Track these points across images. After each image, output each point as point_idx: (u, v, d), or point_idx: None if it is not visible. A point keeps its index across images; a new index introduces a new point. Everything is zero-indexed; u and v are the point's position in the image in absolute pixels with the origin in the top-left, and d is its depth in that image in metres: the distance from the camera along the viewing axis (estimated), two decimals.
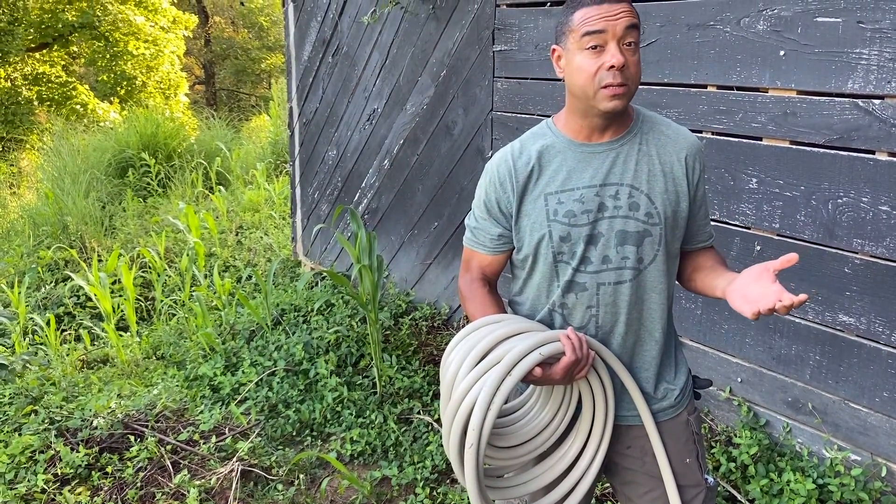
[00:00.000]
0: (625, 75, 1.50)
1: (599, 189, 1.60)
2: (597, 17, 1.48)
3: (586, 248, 1.61)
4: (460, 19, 4.03)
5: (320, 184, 5.58)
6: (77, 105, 16.13)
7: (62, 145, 10.01)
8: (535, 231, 1.64)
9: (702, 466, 1.76)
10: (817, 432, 2.82)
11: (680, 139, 1.66)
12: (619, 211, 1.60)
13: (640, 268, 1.62)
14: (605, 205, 1.60)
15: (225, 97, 25.56)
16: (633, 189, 1.60)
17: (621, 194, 1.60)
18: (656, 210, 1.61)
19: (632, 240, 1.60)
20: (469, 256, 1.79)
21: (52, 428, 3.33)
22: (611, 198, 1.60)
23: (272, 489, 3.07)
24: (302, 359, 4.00)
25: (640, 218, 1.60)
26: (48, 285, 6.26)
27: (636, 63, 1.53)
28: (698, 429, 1.78)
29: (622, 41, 1.49)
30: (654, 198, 1.61)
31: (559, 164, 1.64)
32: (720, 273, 1.66)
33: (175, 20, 18.47)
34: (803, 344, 2.80)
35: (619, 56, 1.48)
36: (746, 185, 2.86)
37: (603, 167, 1.61)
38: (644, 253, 1.62)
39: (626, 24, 1.48)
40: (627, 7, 1.50)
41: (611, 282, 1.62)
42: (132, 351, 4.83)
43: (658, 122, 1.68)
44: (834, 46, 2.53)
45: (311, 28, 5.32)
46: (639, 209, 1.60)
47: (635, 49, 1.52)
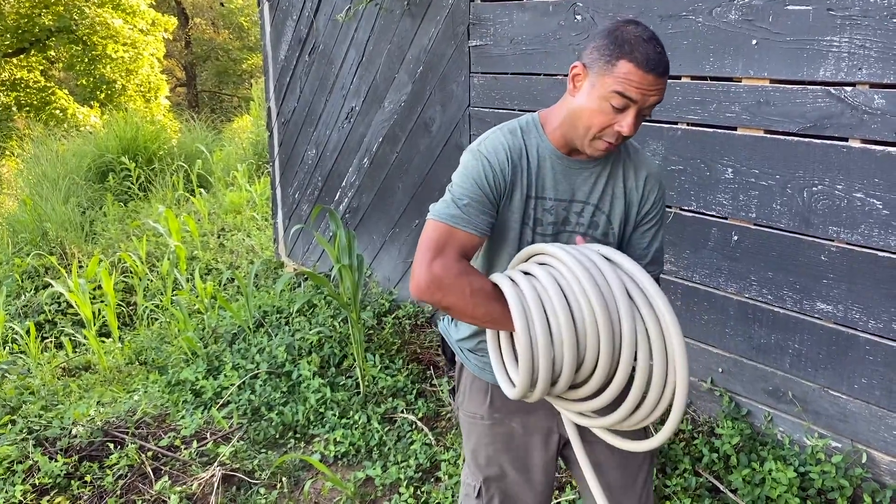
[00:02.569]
0: (625, 137, 1.57)
1: (568, 204, 1.68)
2: (636, 86, 1.49)
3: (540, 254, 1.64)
4: (435, 15, 4.01)
5: (300, 184, 5.54)
6: (56, 110, 15.99)
7: (41, 151, 9.92)
8: (510, 225, 1.68)
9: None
10: (798, 421, 2.82)
11: (643, 168, 1.74)
12: (580, 228, 1.70)
13: None
14: (569, 219, 1.69)
15: (207, 99, 25.41)
16: (596, 209, 1.69)
17: (585, 212, 1.69)
18: (612, 231, 1.71)
19: None
20: (446, 238, 1.59)
21: (31, 438, 3.29)
22: (576, 214, 1.69)
23: (255, 493, 3.04)
24: (284, 361, 3.97)
25: (598, 237, 1.70)
26: (28, 293, 6.19)
27: (639, 126, 1.57)
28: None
29: (643, 110, 1.54)
30: (613, 219, 1.71)
31: (538, 171, 1.67)
32: None
33: (154, 22, 18.31)
34: (782, 333, 2.80)
35: (633, 127, 1.53)
36: (722, 176, 2.86)
37: (575, 184, 1.68)
38: None
39: (654, 102, 1.54)
40: (664, 84, 1.53)
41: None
42: (114, 357, 4.79)
43: (629, 148, 1.75)
44: (805, 34, 2.53)
45: (286, 27, 5.28)
46: (598, 228, 1.70)
47: (649, 114, 1.58)
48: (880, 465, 2.61)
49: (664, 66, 1.51)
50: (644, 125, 3.07)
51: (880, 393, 2.56)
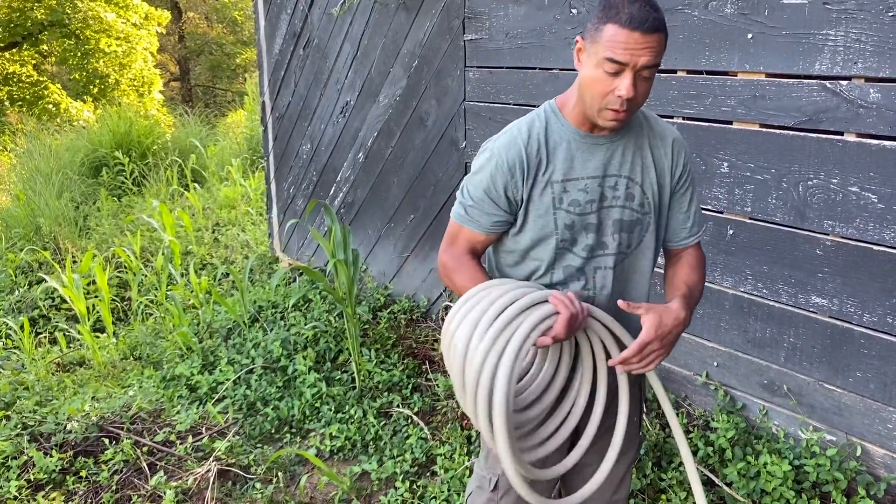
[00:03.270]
0: (630, 103, 1.54)
1: (602, 180, 1.68)
2: (623, 47, 1.48)
3: (588, 235, 1.70)
4: (430, 9, 3.99)
5: (295, 179, 5.53)
6: (49, 104, 15.92)
7: (34, 146, 9.86)
8: (541, 218, 1.70)
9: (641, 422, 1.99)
10: (793, 414, 2.83)
11: (667, 134, 1.75)
12: (617, 201, 1.70)
13: (627, 252, 1.74)
14: (605, 195, 1.69)
15: (200, 93, 25.30)
16: (629, 181, 1.70)
17: (619, 185, 1.69)
18: (648, 200, 1.72)
19: (626, 228, 1.72)
20: (457, 232, 1.78)
21: (25, 433, 3.28)
22: (610, 188, 1.69)
23: (250, 488, 3.04)
24: (280, 356, 3.96)
25: (635, 208, 1.71)
26: (21, 288, 6.17)
27: (646, 91, 1.56)
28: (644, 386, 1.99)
29: (640, 72, 1.51)
30: (646, 189, 1.72)
31: (565, 153, 1.68)
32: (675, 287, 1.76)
33: (147, 16, 18.21)
34: (777, 326, 2.81)
35: (631, 89, 1.50)
36: (718, 170, 2.86)
37: (604, 158, 1.68)
38: (633, 239, 1.74)
39: (646, 63, 1.49)
40: (655, 42, 1.49)
41: (606, 266, 1.73)
42: (108, 352, 4.78)
43: (649, 116, 1.76)
44: (801, 28, 2.53)
45: (281, 21, 5.26)
46: (633, 199, 1.71)
47: (651, 76, 1.54)
48: (875, 458, 2.62)
49: (651, 22, 1.47)
50: None
51: (875, 386, 2.57)
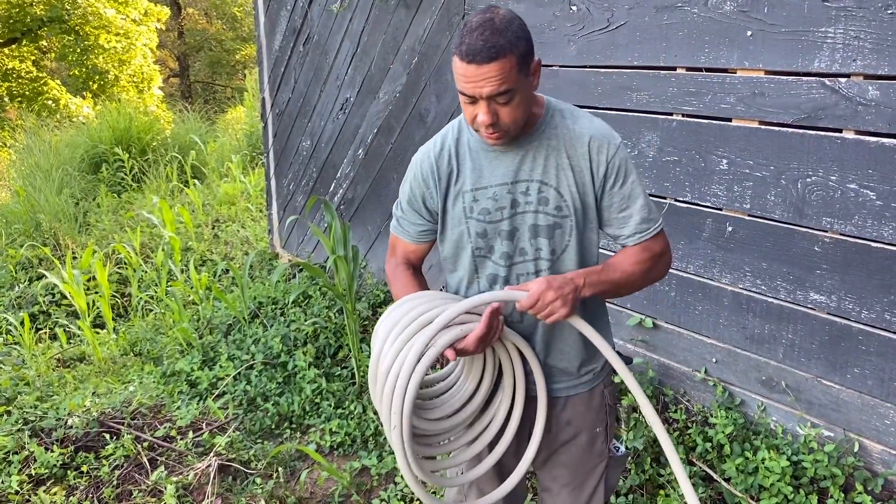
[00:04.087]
0: (497, 127, 1.55)
1: (511, 186, 1.67)
2: (465, 80, 1.49)
3: (502, 242, 1.70)
4: (430, 6, 4.00)
5: (295, 175, 5.53)
6: (49, 100, 15.90)
7: (34, 142, 9.86)
8: (455, 227, 1.74)
9: (608, 437, 1.89)
10: (791, 410, 2.84)
11: (584, 133, 1.66)
12: (530, 206, 1.67)
13: (554, 258, 1.70)
14: (517, 201, 1.68)
15: (200, 89, 25.28)
16: (542, 184, 1.67)
17: (531, 190, 1.67)
18: (566, 203, 1.67)
19: (543, 233, 1.68)
20: (394, 242, 1.89)
21: (26, 428, 3.29)
22: (522, 194, 1.67)
23: (251, 483, 3.05)
24: (280, 351, 3.98)
25: (550, 212, 1.67)
26: (22, 284, 6.17)
27: (510, 111, 1.53)
28: (612, 401, 1.90)
29: (494, 99, 1.50)
30: (563, 191, 1.66)
31: (473, 163, 1.70)
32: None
33: (147, 12, 18.18)
34: (776, 323, 2.82)
35: (487, 117, 1.51)
36: (717, 167, 2.87)
37: (513, 165, 1.67)
38: (556, 244, 1.70)
39: (492, 92, 1.48)
40: (495, 71, 1.46)
41: (529, 272, 1.71)
42: (109, 348, 4.79)
43: (567, 117, 1.70)
44: (800, 25, 2.53)
45: (281, 17, 5.26)
46: (548, 203, 1.67)
47: (510, 98, 1.51)
48: (872, 454, 2.63)
49: (486, 52, 1.45)
50: (638, 116, 3.08)
51: (873, 382, 2.58)
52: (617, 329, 3.41)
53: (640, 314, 3.29)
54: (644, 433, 2.96)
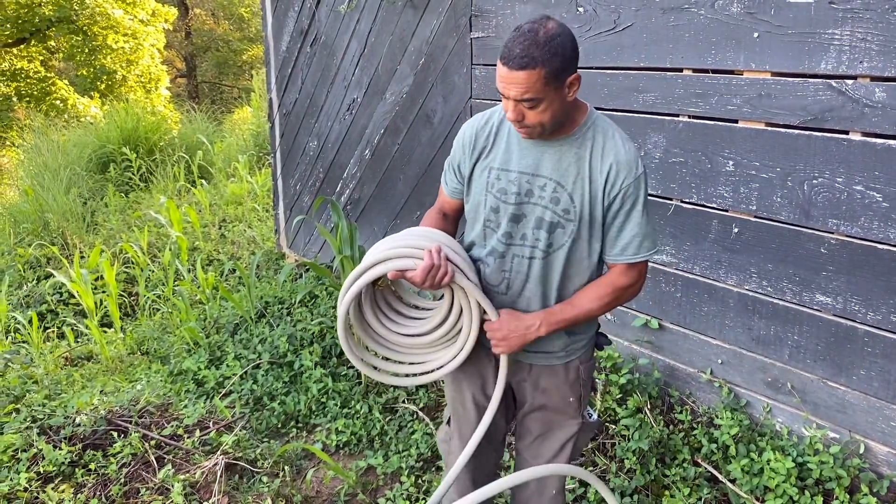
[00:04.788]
0: (521, 125, 1.74)
1: (531, 178, 1.84)
2: (499, 79, 1.69)
3: (508, 223, 1.88)
4: (437, 6, 4.01)
5: (302, 175, 5.55)
6: (57, 100, 15.96)
7: (42, 141, 9.91)
8: (477, 195, 1.93)
9: (582, 406, 2.07)
10: (796, 411, 2.84)
11: (609, 155, 1.80)
12: (542, 201, 1.84)
13: (549, 251, 1.87)
14: (532, 192, 1.84)
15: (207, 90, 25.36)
16: (558, 185, 1.82)
17: (547, 187, 1.83)
18: (574, 208, 1.82)
19: (546, 227, 1.85)
20: (440, 190, 2.13)
21: (34, 426, 3.31)
22: (539, 188, 1.84)
23: (257, 481, 3.07)
24: (286, 351, 3.99)
25: (558, 211, 1.83)
26: (30, 283, 6.20)
27: (535, 115, 1.71)
28: (587, 376, 2.07)
29: (520, 102, 1.69)
30: (575, 198, 1.81)
31: (507, 145, 1.88)
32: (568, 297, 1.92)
33: (154, 13, 18.24)
34: (782, 324, 2.82)
35: (513, 113, 1.71)
36: (723, 168, 2.87)
37: (540, 159, 1.84)
38: (555, 240, 1.86)
39: (517, 96, 1.67)
40: (522, 79, 1.64)
41: (523, 256, 1.89)
42: (116, 347, 4.81)
43: (604, 135, 1.83)
44: (807, 27, 2.53)
45: (288, 18, 5.28)
46: (559, 203, 1.83)
47: (537, 104, 1.68)
48: (878, 456, 2.63)
49: (518, 61, 1.62)
50: (645, 117, 3.08)
51: (878, 384, 2.58)
52: (622, 330, 3.42)
53: (645, 315, 3.30)
54: (649, 434, 2.97)
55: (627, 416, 3.08)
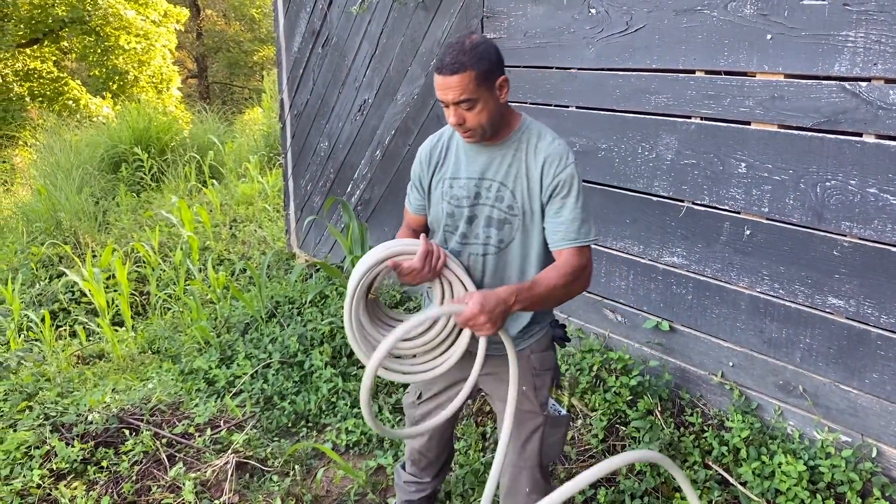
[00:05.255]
0: (463, 128, 1.93)
1: (478, 181, 2.05)
2: (438, 88, 1.90)
3: (464, 225, 2.07)
4: (449, 8, 4.02)
5: (312, 176, 5.57)
6: (69, 100, 16.07)
7: (55, 141, 9.98)
8: (436, 205, 2.14)
9: (536, 396, 2.17)
10: (808, 415, 2.83)
11: (542, 150, 2.00)
12: (489, 201, 2.04)
13: (500, 247, 2.06)
14: (480, 194, 2.04)
15: (218, 90, 25.46)
16: (501, 185, 2.02)
17: (492, 188, 2.03)
18: (517, 204, 2.01)
19: (495, 224, 2.04)
20: (405, 213, 2.32)
21: (47, 423, 3.33)
22: (485, 189, 2.04)
23: (268, 480, 3.08)
24: (296, 350, 4.00)
25: (503, 209, 2.02)
26: (42, 281, 6.25)
27: (473, 116, 1.90)
28: (540, 366, 2.18)
29: (458, 105, 1.88)
30: (517, 194, 2.01)
31: (456, 156, 2.10)
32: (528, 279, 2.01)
33: (166, 14, 18.35)
34: (794, 327, 2.81)
35: (454, 117, 1.91)
36: (735, 170, 2.87)
37: (484, 164, 2.04)
38: (504, 236, 2.04)
39: (454, 99, 1.87)
40: (455, 83, 1.85)
41: (478, 253, 2.08)
42: (127, 346, 4.84)
43: (536, 135, 2.03)
44: (820, 29, 2.53)
45: (300, 19, 5.30)
46: (503, 201, 2.02)
47: (473, 105, 1.88)
48: (890, 460, 2.62)
49: (449, 67, 1.84)
50: (657, 118, 3.08)
51: (891, 388, 2.56)
52: (633, 332, 3.41)
53: (656, 317, 3.29)
54: (660, 436, 2.96)
55: (638, 419, 3.07)
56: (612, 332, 3.53)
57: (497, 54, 1.91)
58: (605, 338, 3.56)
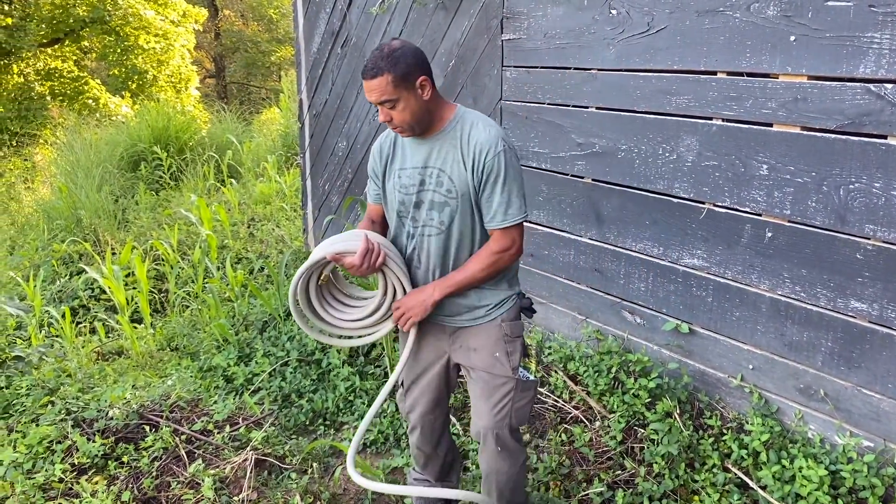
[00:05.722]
0: (392, 124, 2.17)
1: (421, 170, 2.25)
2: (365, 91, 2.13)
3: (413, 210, 2.28)
4: (468, 9, 4.02)
5: (330, 175, 5.59)
6: (89, 99, 16.21)
7: (75, 140, 10.08)
8: (390, 194, 2.35)
9: (509, 361, 2.34)
10: (829, 419, 2.81)
11: (473, 138, 2.17)
12: (431, 186, 2.23)
13: (442, 228, 2.25)
14: (424, 181, 2.24)
15: (235, 90, 25.61)
16: (440, 171, 2.22)
17: (433, 175, 2.23)
18: (454, 188, 2.20)
19: (437, 207, 2.24)
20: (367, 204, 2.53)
21: (69, 419, 3.37)
22: (428, 176, 2.24)
23: (286, 478, 3.10)
24: (314, 349, 4.02)
25: (443, 192, 2.22)
26: (63, 278, 6.32)
27: (398, 114, 2.13)
28: (511, 333, 2.36)
29: (383, 104, 2.12)
30: (454, 178, 2.20)
31: (403, 151, 2.31)
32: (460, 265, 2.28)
33: (185, 14, 18.48)
34: (815, 330, 2.79)
35: (382, 115, 2.16)
36: (757, 172, 2.85)
37: (426, 154, 2.24)
38: (444, 217, 2.23)
39: (376, 100, 2.11)
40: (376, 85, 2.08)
41: (427, 234, 2.27)
42: (146, 343, 4.88)
43: (470, 124, 2.20)
44: (845, 31, 2.51)
45: (320, 19, 5.33)
46: (442, 186, 2.22)
47: (395, 104, 2.11)
48: None
49: (370, 71, 2.08)
50: (678, 120, 3.07)
51: None
52: (652, 334, 3.40)
53: (676, 319, 3.28)
54: (678, 438, 2.95)
55: (656, 421, 3.06)
56: (630, 333, 3.52)
57: (415, 57, 2.11)
58: (623, 340, 3.55)
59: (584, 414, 3.36)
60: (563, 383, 3.52)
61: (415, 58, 2.12)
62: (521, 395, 2.38)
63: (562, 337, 3.85)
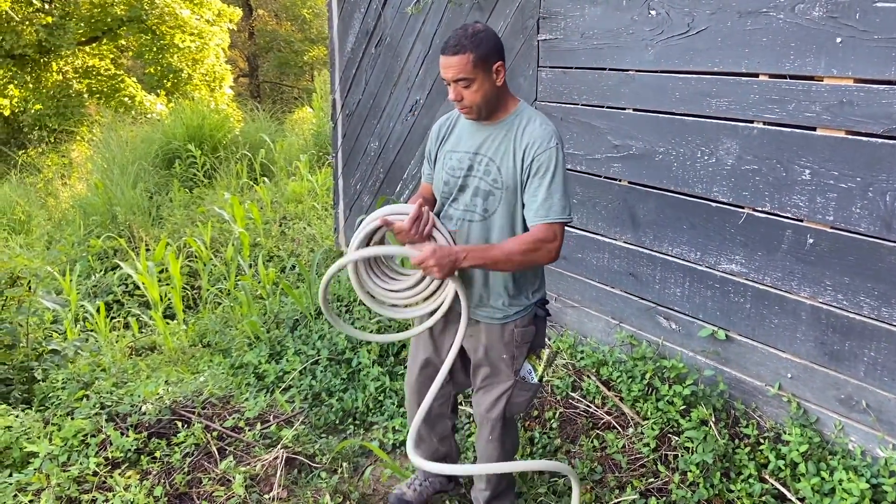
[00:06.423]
0: (462, 104, 2.22)
1: (472, 156, 2.31)
2: (441, 67, 2.18)
3: (457, 192, 2.35)
4: (504, 8, 3.99)
5: (362, 175, 5.60)
6: (125, 97, 16.46)
7: (111, 137, 10.23)
8: (438, 173, 2.41)
9: (514, 364, 2.45)
10: (871, 430, 2.74)
11: (526, 136, 2.23)
12: (479, 174, 2.29)
13: (485, 216, 2.31)
14: (473, 167, 2.31)
15: (268, 89, 25.83)
16: (490, 161, 2.28)
17: (483, 162, 2.29)
18: (501, 179, 2.26)
19: (481, 195, 2.30)
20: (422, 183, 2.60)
21: (103, 413, 3.40)
22: (478, 163, 2.30)
23: (316, 476, 3.10)
24: (345, 348, 4.03)
25: (489, 181, 2.28)
26: (98, 273, 6.41)
27: (471, 94, 2.18)
28: (521, 339, 2.43)
29: (457, 83, 2.17)
30: (502, 170, 2.26)
31: (458, 133, 2.39)
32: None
33: (220, 13, 18.69)
34: (857, 340, 2.72)
35: (453, 94, 2.21)
36: (799, 177, 2.79)
37: (479, 141, 2.30)
38: (489, 205, 2.30)
39: (453, 77, 2.15)
40: (455, 62, 2.13)
41: (467, 219, 2.34)
42: (179, 339, 4.93)
43: (527, 120, 2.26)
44: (894, 32, 2.44)
45: (354, 19, 5.34)
46: (489, 175, 2.28)
47: (470, 84, 2.16)
48: None
49: (451, 49, 2.12)
50: (718, 123, 3.02)
51: None
52: (688, 340, 3.35)
53: (712, 326, 3.22)
54: (714, 447, 2.90)
55: (691, 428, 3.01)
56: (665, 339, 3.46)
57: (496, 42, 2.17)
58: (658, 345, 3.50)
59: (617, 420, 3.32)
60: (596, 388, 3.48)
61: (495, 42, 2.17)
62: (519, 392, 2.49)
63: (595, 341, 3.81)
